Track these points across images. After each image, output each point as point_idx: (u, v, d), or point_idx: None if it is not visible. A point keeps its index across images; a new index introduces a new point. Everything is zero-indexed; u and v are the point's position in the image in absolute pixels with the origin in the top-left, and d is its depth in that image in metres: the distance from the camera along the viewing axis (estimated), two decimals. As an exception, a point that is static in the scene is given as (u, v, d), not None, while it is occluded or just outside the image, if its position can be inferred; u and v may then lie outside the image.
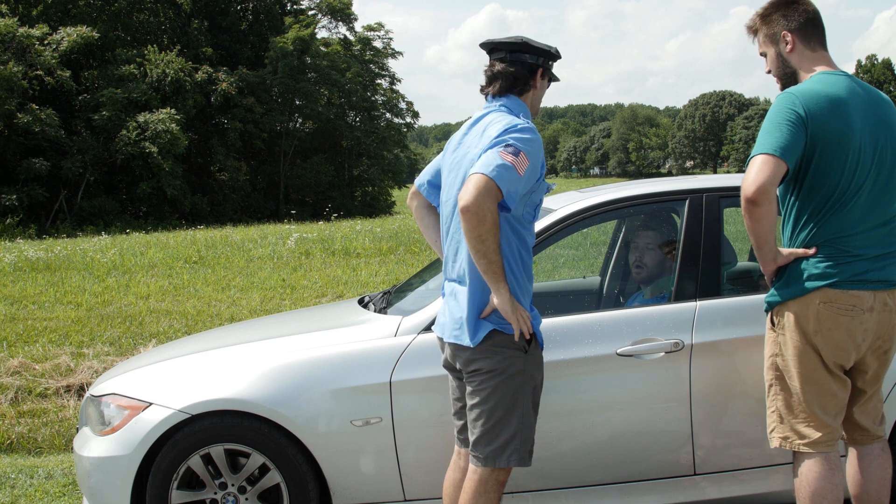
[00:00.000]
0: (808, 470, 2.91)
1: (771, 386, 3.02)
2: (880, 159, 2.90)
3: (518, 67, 3.02)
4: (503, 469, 2.95)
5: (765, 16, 3.08)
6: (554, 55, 3.07)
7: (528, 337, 2.91)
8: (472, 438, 2.97)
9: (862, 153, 2.86)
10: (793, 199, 2.95)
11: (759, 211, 2.80)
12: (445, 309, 3.06)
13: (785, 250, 2.93)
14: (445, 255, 3.12)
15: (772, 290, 3.00)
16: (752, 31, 3.14)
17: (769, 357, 3.03)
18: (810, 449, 2.92)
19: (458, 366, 3.01)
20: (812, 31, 3.02)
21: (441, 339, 3.10)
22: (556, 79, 3.15)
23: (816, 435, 2.92)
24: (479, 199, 2.71)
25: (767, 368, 3.04)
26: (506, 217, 2.88)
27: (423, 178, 3.29)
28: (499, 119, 2.94)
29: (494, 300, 2.85)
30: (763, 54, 3.13)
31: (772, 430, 3.02)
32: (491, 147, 2.83)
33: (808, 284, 2.88)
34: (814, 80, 2.93)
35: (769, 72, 3.12)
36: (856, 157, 2.85)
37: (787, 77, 3.06)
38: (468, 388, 2.98)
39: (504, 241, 2.89)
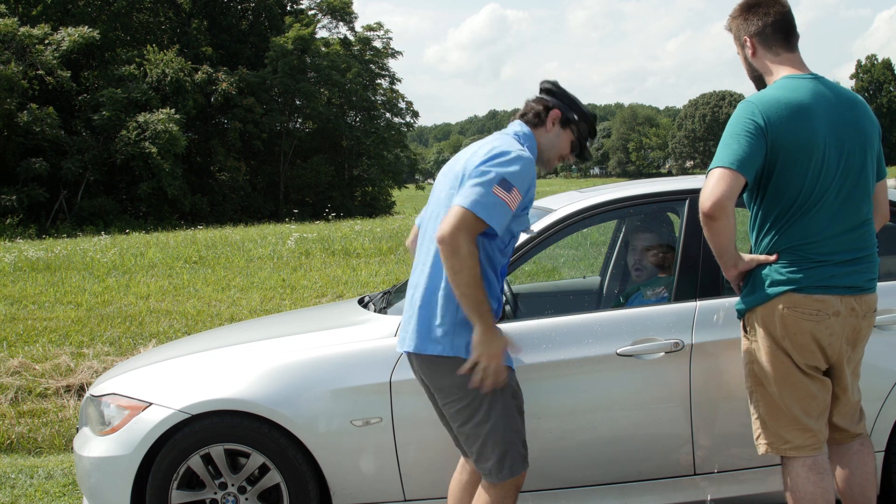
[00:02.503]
0: (797, 476, 2.89)
1: (752, 393, 3.01)
2: (847, 164, 2.85)
3: (539, 103, 3.09)
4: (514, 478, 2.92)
5: (732, 18, 3.05)
6: (581, 112, 3.07)
7: (487, 389, 2.80)
8: (472, 459, 2.95)
9: (826, 159, 2.81)
10: (755, 206, 2.93)
11: (716, 225, 2.79)
12: (404, 319, 3.01)
13: (747, 256, 2.92)
14: (414, 263, 3.10)
15: (739, 298, 2.99)
16: (730, 32, 3.10)
17: (746, 364, 3.01)
18: (796, 454, 2.90)
19: (425, 380, 2.97)
20: (774, 34, 2.94)
21: (408, 356, 3.01)
22: (581, 144, 3.12)
23: (800, 439, 2.90)
24: (455, 231, 2.70)
25: (746, 376, 3.02)
26: (481, 239, 2.83)
27: (421, 215, 3.27)
28: (498, 140, 2.94)
29: (473, 335, 2.77)
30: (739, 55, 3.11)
31: (757, 437, 3.01)
32: (479, 171, 2.79)
33: (771, 290, 2.86)
34: (775, 87, 2.88)
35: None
36: (819, 164, 2.80)
37: (757, 80, 3.04)
38: (446, 412, 2.93)
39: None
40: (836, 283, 2.83)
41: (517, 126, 3.07)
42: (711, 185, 2.76)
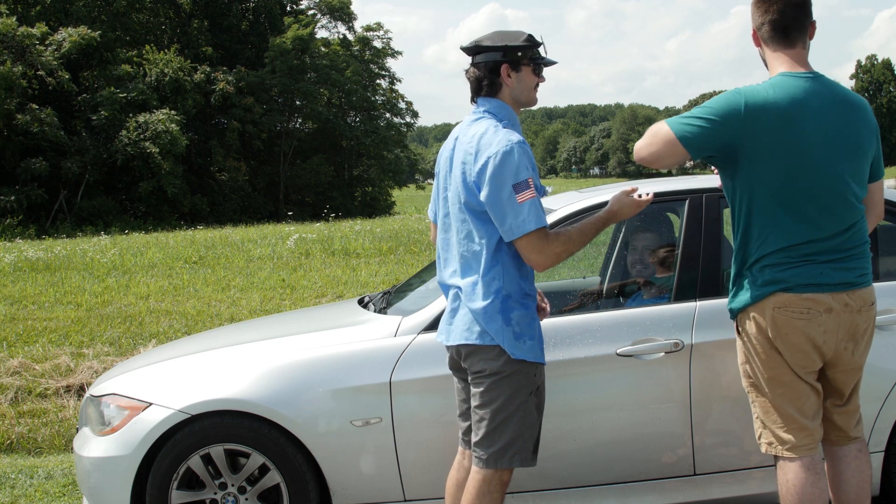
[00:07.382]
0: (795, 476, 2.86)
1: (749, 393, 3.00)
2: (832, 168, 2.80)
3: (480, 70, 3.00)
4: (506, 469, 2.95)
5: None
6: (521, 46, 2.97)
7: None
8: (474, 440, 2.97)
9: (810, 161, 2.78)
10: (736, 208, 2.91)
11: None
12: (449, 314, 3.04)
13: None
14: (439, 262, 3.12)
15: (731, 297, 2.97)
16: None
17: (741, 365, 3.00)
18: (793, 454, 2.88)
19: (464, 365, 3.01)
20: (771, 31, 2.90)
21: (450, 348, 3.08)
22: (544, 63, 3.03)
23: (795, 439, 2.88)
24: (538, 255, 2.87)
25: (742, 376, 3.01)
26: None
27: (431, 208, 3.27)
28: (484, 139, 2.90)
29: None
30: None
31: (759, 437, 2.99)
32: (496, 196, 2.85)
33: (762, 290, 2.84)
34: (768, 84, 2.84)
35: None
36: (801, 167, 2.77)
37: None
38: (472, 390, 2.98)
39: (504, 250, 2.92)
40: (825, 281, 2.81)
41: (485, 104, 3.01)
42: (649, 140, 2.95)
